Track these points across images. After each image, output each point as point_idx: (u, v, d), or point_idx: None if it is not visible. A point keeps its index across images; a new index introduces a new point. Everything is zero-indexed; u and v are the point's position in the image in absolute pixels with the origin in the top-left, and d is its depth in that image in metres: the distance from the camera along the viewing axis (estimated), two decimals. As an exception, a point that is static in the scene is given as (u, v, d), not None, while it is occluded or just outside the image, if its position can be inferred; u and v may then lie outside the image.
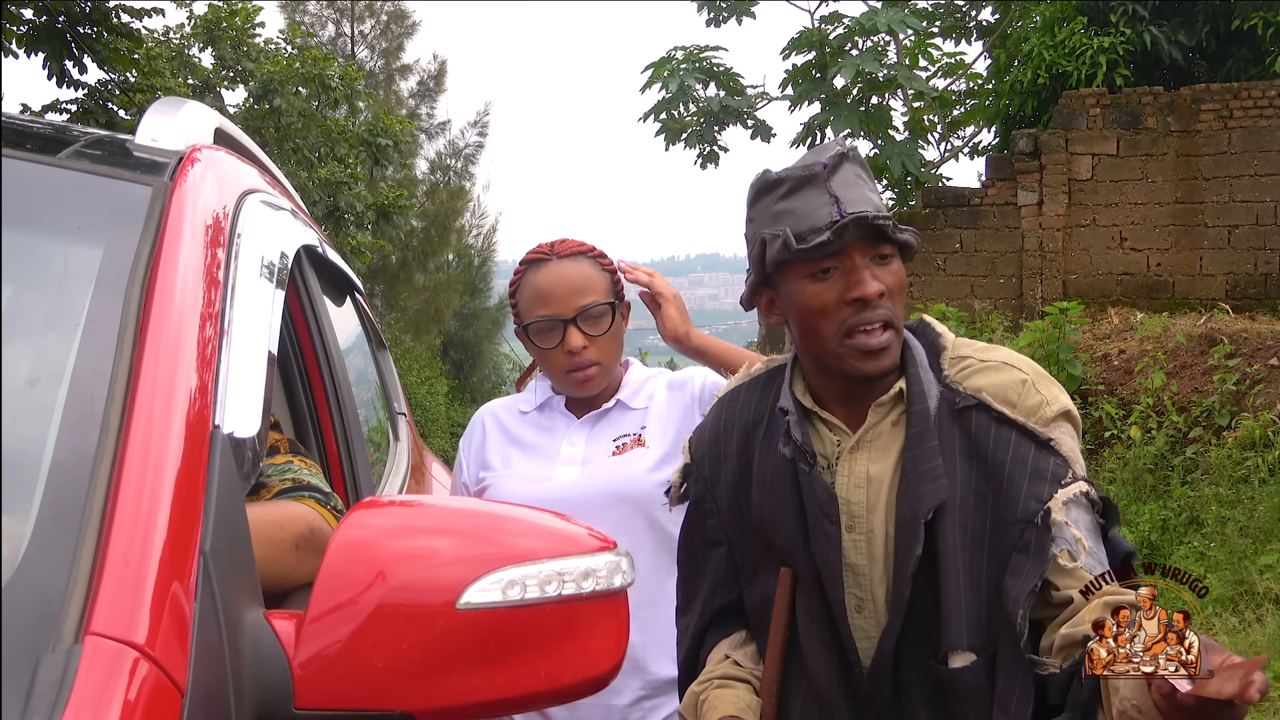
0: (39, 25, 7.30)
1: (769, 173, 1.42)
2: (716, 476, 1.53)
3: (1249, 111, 9.61)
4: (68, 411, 0.95)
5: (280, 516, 1.25)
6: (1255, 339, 7.19)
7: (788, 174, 1.39)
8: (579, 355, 1.93)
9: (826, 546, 1.41)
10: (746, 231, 1.46)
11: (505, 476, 1.99)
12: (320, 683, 0.97)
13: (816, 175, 1.37)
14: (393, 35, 20.50)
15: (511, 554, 1.01)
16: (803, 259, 1.36)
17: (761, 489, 1.48)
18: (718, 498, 1.53)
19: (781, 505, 1.46)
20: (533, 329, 1.95)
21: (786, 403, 1.46)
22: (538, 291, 1.95)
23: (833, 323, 1.37)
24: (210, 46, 11.94)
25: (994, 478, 1.37)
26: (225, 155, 1.53)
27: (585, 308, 1.93)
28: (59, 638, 0.79)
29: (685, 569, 1.61)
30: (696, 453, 1.57)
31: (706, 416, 1.61)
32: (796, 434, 1.44)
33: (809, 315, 1.39)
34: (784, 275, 1.40)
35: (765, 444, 1.49)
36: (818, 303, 1.37)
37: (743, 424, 1.53)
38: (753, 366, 1.60)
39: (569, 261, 1.97)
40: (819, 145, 1.47)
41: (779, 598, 1.47)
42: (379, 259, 16.68)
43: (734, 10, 12.65)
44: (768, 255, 1.39)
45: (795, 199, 1.38)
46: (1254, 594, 5.06)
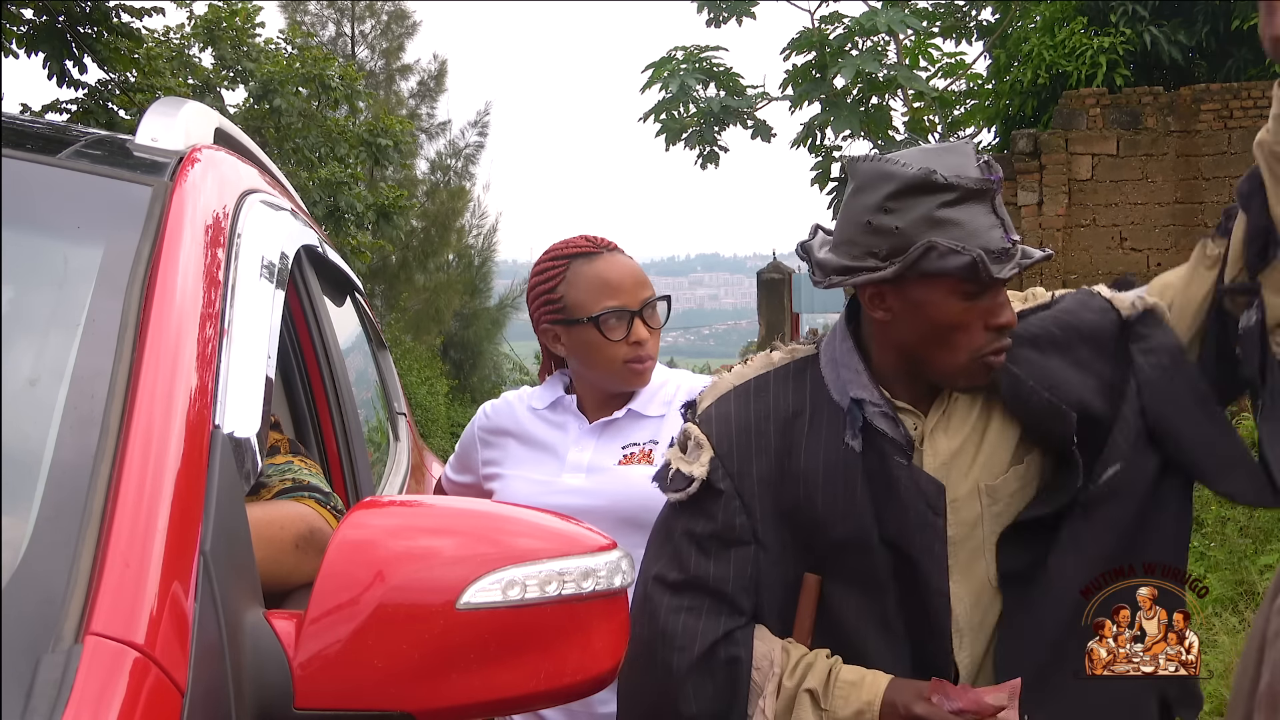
0: (39, 25, 7.30)
1: (933, 173, 1.34)
2: (746, 472, 1.45)
3: (1249, 111, 9.61)
4: (68, 411, 0.95)
5: (280, 516, 1.25)
6: (1255, 339, 7.17)
7: (958, 182, 1.33)
8: (642, 347, 1.93)
9: (931, 538, 1.40)
10: (874, 219, 1.37)
11: (513, 478, 1.99)
12: (320, 683, 0.97)
13: (987, 192, 1.35)
14: (393, 35, 20.50)
15: (512, 554, 1.01)
16: (972, 279, 1.34)
17: (810, 484, 1.43)
18: (745, 494, 1.44)
19: (847, 500, 1.41)
20: (603, 321, 1.91)
21: (865, 393, 1.42)
22: (607, 283, 1.92)
23: (969, 341, 1.38)
24: (210, 46, 11.93)
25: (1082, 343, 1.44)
26: (225, 155, 1.53)
27: (649, 300, 1.95)
28: (59, 638, 0.79)
29: (686, 565, 1.46)
30: (722, 445, 1.46)
31: (723, 404, 1.50)
32: (886, 426, 1.41)
33: (945, 330, 1.38)
34: (929, 283, 1.36)
35: (812, 437, 1.44)
36: (961, 321, 1.37)
37: (780, 415, 1.46)
38: (771, 355, 1.55)
39: (621, 255, 1.98)
40: (949, 145, 1.41)
41: (804, 603, 1.44)
42: (379, 259, 16.68)
43: (734, 10, 12.64)
44: (926, 262, 1.33)
45: (961, 210, 1.34)
46: (1254, 594, 5.05)
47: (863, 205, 1.39)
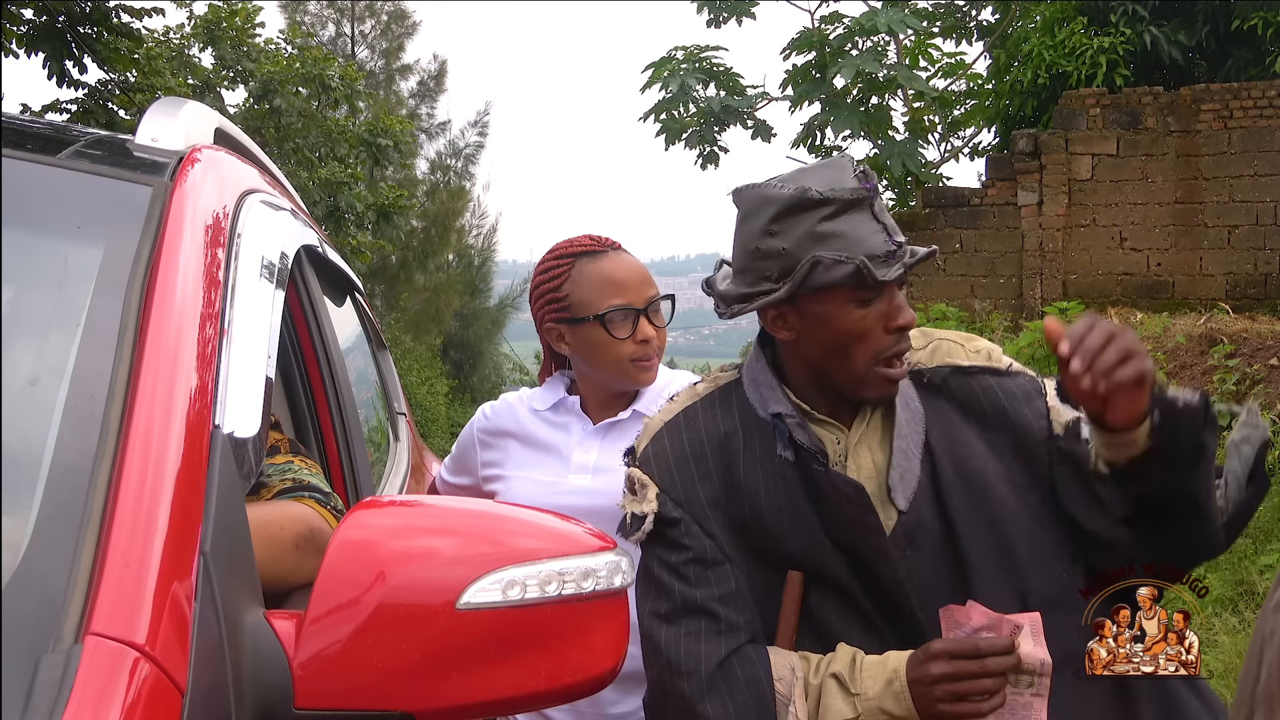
0: (39, 25, 7.30)
1: (808, 190, 1.37)
2: (693, 498, 1.47)
3: (1249, 111, 9.61)
4: (68, 411, 0.95)
5: (280, 516, 1.25)
6: (1255, 339, 7.19)
7: (833, 195, 1.36)
8: (648, 345, 1.94)
9: (868, 533, 1.42)
10: (761, 244, 1.40)
11: (517, 479, 1.99)
12: (320, 683, 0.97)
13: (864, 200, 1.38)
14: (393, 35, 20.51)
15: (512, 554, 1.01)
16: (862, 286, 1.36)
17: (754, 499, 1.46)
18: (700, 518, 1.47)
19: (791, 510, 1.45)
20: (609, 319, 1.92)
21: (782, 408, 1.46)
22: (612, 281, 1.93)
23: (870, 348, 1.41)
24: (210, 46, 11.95)
25: (1001, 424, 1.48)
26: (225, 155, 1.53)
27: (654, 299, 1.96)
28: (59, 638, 0.79)
29: (673, 594, 1.46)
30: (664, 479, 1.48)
31: (657, 442, 1.52)
32: (802, 437, 1.44)
33: (845, 339, 1.40)
34: (822, 297, 1.39)
35: (748, 454, 1.48)
36: (860, 328, 1.40)
37: (714, 438, 1.50)
38: (696, 387, 1.58)
39: (625, 254, 1.99)
40: (826, 161, 1.45)
41: (788, 601, 1.46)
42: (379, 259, 16.68)
43: (734, 11, 12.64)
44: (814, 276, 1.36)
45: (842, 222, 1.37)
46: (1254, 594, 5.05)
47: (750, 231, 1.43)
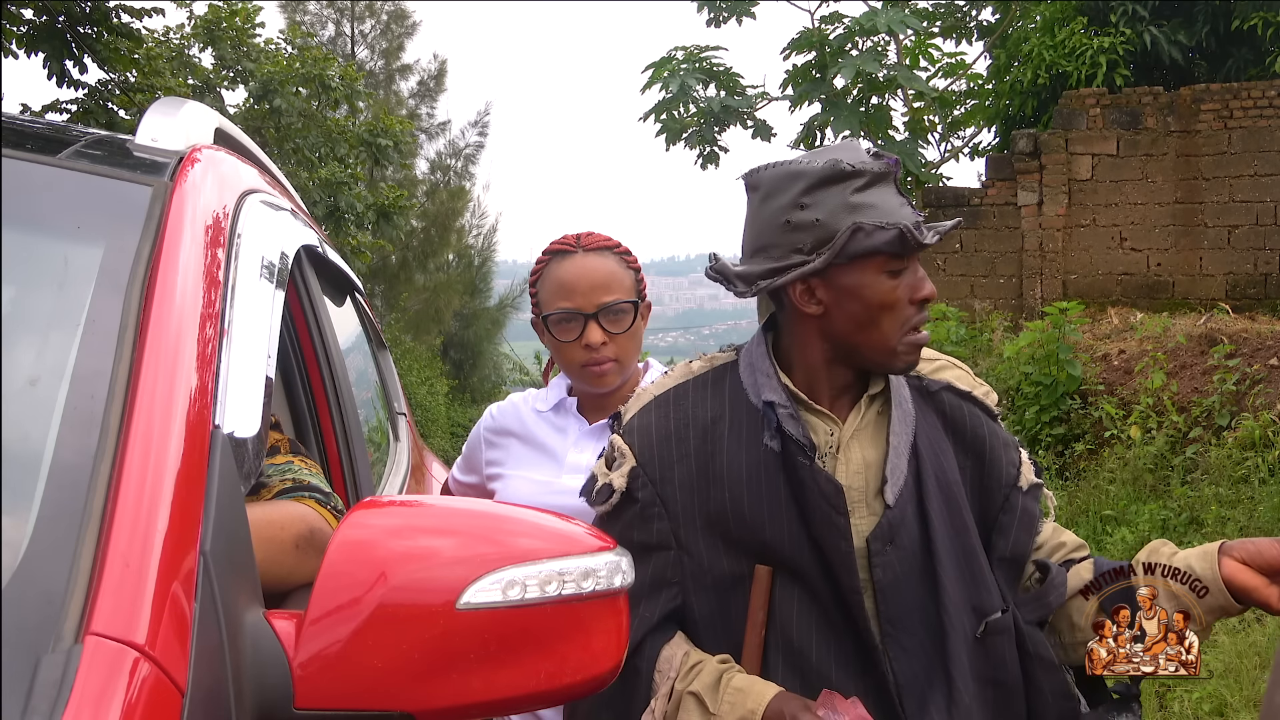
0: (39, 25, 7.30)
1: (840, 162, 1.40)
2: (668, 478, 1.47)
3: (1249, 111, 9.62)
4: (68, 411, 0.95)
5: (280, 516, 1.25)
6: (1255, 339, 7.19)
7: (864, 167, 1.40)
8: (596, 351, 1.91)
9: (837, 536, 1.42)
10: (792, 217, 1.41)
11: (514, 478, 2.00)
12: (320, 683, 0.97)
13: (890, 174, 1.42)
14: (393, 35, 20.50)
15: (512, 554, 1.01)
16: (892, 253, 1.39)
17: (735, 486, 1.45)
18: (667, 500, 1.47)
19: (771, 501, 1.44)
20: (551, 321, 1.93)
21: (775, 396, 1.46)
22: (561, 283, 1.92)
23: (898, 319, 1.43)
24: (210, 46, 11.94)
25: (974, 450, 1.54)
26: (225, 155, 1.53)
27: (608, 305, 1.91)
28: (59, 638, 0.79)
29: None
30: (643, 454, 1.49)
31: (644, 415, 1.52)
32: (791, 428, 1.44)
33: (877, 310, 1.42)
34: (855, 267, 1.40)
35: (733, 440, 1.47)
36: (891, 299, 1.42)
37: (700, 421, 1.49)
38: (691, 364, 1.57)
39: (594, 256, 1.95)
40: (838, 144, 1.48)
41: (756, 595, 1.45)
42: (379, 259, 16.69)
43: (734, 10, 12.64)
44: (855, 243, 1.38)
45: (873, 194, 1.40)
46: (1254, 594, 5.05)
47: (776, 207, 1.43)
